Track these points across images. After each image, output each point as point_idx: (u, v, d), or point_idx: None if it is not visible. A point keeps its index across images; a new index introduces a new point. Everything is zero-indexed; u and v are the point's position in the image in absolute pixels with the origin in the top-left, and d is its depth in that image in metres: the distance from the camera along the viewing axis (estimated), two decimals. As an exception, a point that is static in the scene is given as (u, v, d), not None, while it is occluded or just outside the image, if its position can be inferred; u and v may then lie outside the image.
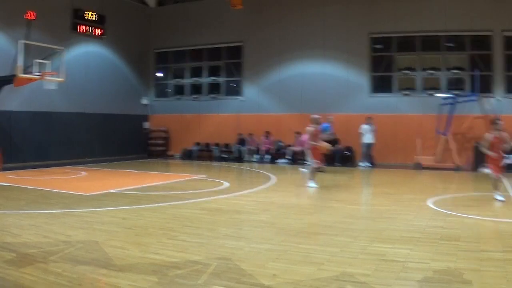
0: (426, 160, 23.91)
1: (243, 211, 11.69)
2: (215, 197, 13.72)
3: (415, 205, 12.70)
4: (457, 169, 22.98)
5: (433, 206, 12.48)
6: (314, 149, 16.47)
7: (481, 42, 25.25)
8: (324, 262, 7.14)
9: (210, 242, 8.31)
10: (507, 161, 22.16)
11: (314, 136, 16.57)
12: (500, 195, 13.69)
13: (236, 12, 26.71)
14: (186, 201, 12.84)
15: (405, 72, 26.49)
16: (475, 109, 24.13)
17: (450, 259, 7.36)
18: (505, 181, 15.68)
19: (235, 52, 30.35)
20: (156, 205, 12.25)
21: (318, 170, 16.91)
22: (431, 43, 25.90)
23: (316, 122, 17.02)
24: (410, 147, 24.48)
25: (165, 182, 17.69)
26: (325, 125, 21.67)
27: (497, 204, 13.24)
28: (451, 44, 25.86)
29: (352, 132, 25.09)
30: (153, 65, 33.06)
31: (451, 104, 23.85)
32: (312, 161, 16.43)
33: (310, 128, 16.63)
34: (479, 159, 23.08)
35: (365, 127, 24.60)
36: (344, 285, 6.15)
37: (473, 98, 23.62)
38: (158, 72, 33.36)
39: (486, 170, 14.71)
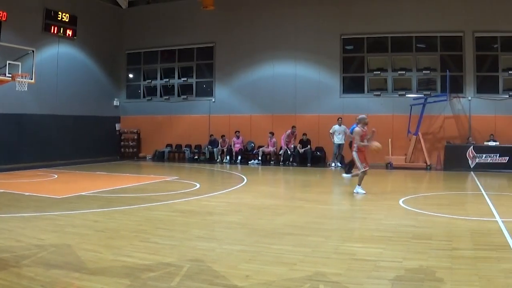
0: (397, 160, 24.07)
1: (215, 212, 11.70)
2: (187, 199, 13.71)
3: (387, 205, 12.79)
4: (428, 168, 23.19)
5: (404, 206, 12.60)
6: (361, 152, 15.32)
7: (452, 43, 25.55)
8: (297, 262, 7.17)
9: (183, 244, 8.31)
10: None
11: (362, 137, 15.32)
12: None
13: (208, 13, 26.64)
14: (158, 203, 12.81)
15: (376, 72, 26.67)
16: (446, 109, 24.40)
17: (422, 258, 7.45)
18: None
19: (207, 53, 30.31)
20: (128, 207, 12.19)
21: (365, 173, 15.46)
22: (402, 44, 26.17)
23: (364, 122, 15.59)
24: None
25: (136, 184, 17.65)
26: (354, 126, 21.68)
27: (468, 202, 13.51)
28: (422, 45, 26.12)
29: (323, 132, 25.19)
30: (124, 66, 32.87)
31: (422, 104, 24.08)
32: (360, 165, 15.25)
33: (358, 128, 15.35)
34: (449, 158, 23.49)
35: (336, 127, 24.70)
36: (316, 285, 6.19)
37: (443, 98, 23.87)
38: (130, 73, 33.14)
39: None
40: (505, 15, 24.31)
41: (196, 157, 29.32)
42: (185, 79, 31.17)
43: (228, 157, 28.11)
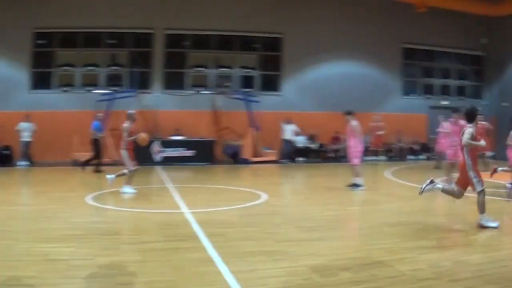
0: (84, 156, 23.81)
1: None
2: None
3: (74, 202, 12.86)
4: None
5: (91, 202, 12.86)
6: (130, 150, 14.90)
7: (142, 40, 26.30)
8: (-12, 268, 6.91)
9: None
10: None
11: (130, 134, 14.75)
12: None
13: None
14: None
15: (65, 68, 26.49)
16: (134, 105, 24.95)
17: (114, 253, 7.72)
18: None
19: None
20: None
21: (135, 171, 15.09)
22: (93, 39, 26.37)
23: (133, 118, 15.14)
24: (68, 144, 24.01)
25: None
26: (96, 123, 21.26)
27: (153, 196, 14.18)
28: (113, 41, 26.51)
29: (11, 130, 24.29)
30: None
31: (109, 100, 24.29)
32: (129, 163, 14.86)
33: (126, 125, 14.82)
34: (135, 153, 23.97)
35: (23, 125, 23.97)
36: (11, 290, 6.09)
37: (131, 94, 24.37)
38: None
39: None
40: (193, 14, 25.72)
41: None
42: None
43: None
